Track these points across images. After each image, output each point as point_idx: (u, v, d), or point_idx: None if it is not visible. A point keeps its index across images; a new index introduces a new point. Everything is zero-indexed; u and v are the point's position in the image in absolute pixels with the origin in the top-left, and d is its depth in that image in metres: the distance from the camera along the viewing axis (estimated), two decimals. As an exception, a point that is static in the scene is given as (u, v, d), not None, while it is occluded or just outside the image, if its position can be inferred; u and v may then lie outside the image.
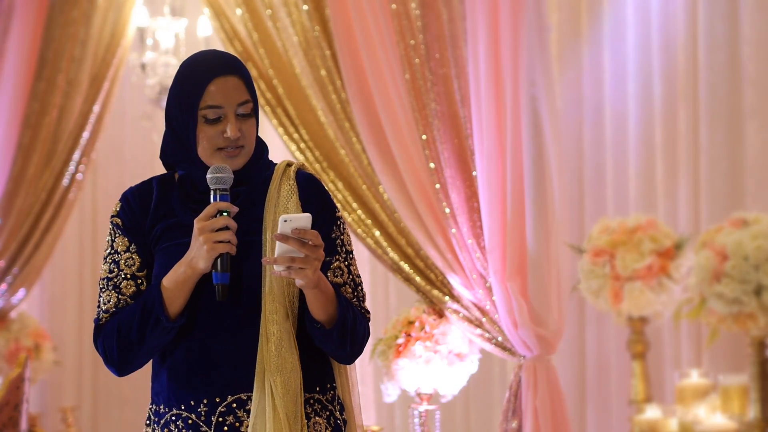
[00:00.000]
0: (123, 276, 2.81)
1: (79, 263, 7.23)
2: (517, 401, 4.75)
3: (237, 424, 2.73)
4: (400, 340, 4.88)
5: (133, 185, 2.91)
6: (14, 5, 6.17)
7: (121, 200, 2.87)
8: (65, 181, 6.23)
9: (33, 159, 6.17)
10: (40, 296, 7.05)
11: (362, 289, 2.86)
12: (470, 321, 4.86)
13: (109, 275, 2.82)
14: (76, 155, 6.22)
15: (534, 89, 4.64)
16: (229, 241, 2.68)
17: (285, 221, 2.62)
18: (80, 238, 7.22)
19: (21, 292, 6.27)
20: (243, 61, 5.19)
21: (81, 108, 6.22)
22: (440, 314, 4.93)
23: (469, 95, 4.81)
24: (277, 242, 2.63)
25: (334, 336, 2.73)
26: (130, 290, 2.81)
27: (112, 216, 2.86)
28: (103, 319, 2.81)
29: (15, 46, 6.15)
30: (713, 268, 3.14)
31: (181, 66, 2.82)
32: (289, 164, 2.86)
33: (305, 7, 5.09)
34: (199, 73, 2.77)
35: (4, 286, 6.21)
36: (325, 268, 2.78)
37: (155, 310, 2.73)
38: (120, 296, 2.80)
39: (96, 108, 6.24)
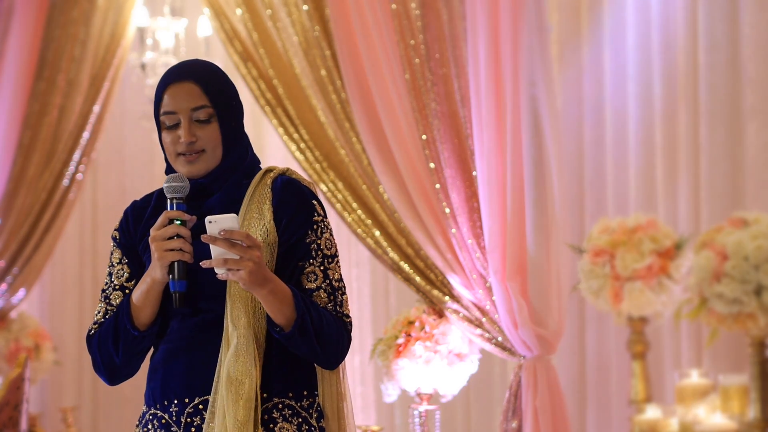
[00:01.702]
0: (113, 287, 2.88)
1: (79, 263, 7.23)
2: (517, 401, 4.75)
3: (203, 425, 2.76)
4: (400, 340, 4.88)
5: (137, 198, 2.98)
6: (14, 5, 6.17)
7: (123, 214, 2.94)
8: (65, 181, 6.23)
9: (33, 159, 6.17)
10: (40, 296, 7.05)
11: (342, 294, 2.84)
12: (470, 321, 4.86)
13: (104, 287, 2.90)
14: (76, 155, 6.23)
15: (534, 89, 4.64)
16: (180, 249, 2.70)
17: (210, 222, 2.64)
18: (80, 238, 7.22)
19: (21, 292, 6.28)
20: (243, 61, 5.24)
21: (81, 108, 6.22)
22: (440, 314, 4.93)
23: (469, 95, 4.81)
24: (211, 245, 2.64)
25: (296, 339, 2.73)
26: (118, 301, 2.87)
27: (114, 230, 2.93)
28: (92, 330, 2.87)
29: (15, 46, 6.16)
30: (713, 268, 3.14)
31: None
32: (269, 170, 2.87)
33: (305, 7, 5.09)
34: (160, 82, 2.83)
35: (4, 286, 6.21)
36: (298, 272, 2.80)
37: (122, 320, 2.78)
38: (108, 307, 2.87)
39: (96, 108, 6.24)
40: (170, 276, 2.72)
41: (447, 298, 4.90)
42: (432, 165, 4.87)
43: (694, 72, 5.04)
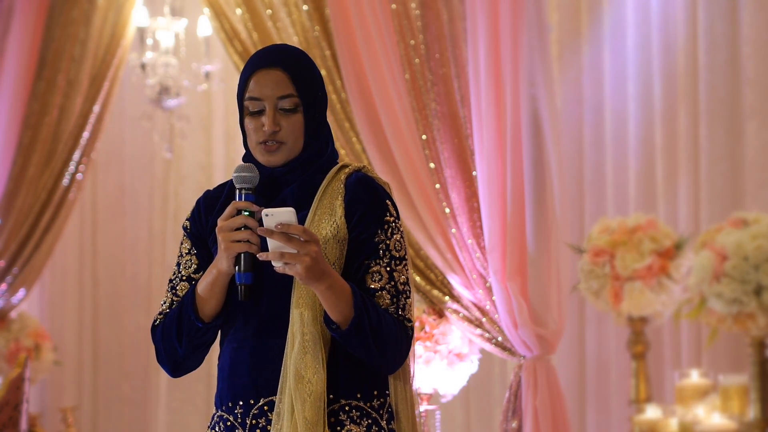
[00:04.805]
0: (180, 278, 2.83)
1: (79, 263, 7.22)
2: (517, 401, 4.75)
3: (269, 427, 2.71)
4: (400, 340, 4.88)
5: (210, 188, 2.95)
6: (14, 5, 6.17)
7: (195, 204, 2.90)
8: (65, 181, 6.23)
9: (33, 159, 6.17)
10: (40, 296, 7.05)
11: (405, 298, 2.76)
12: (470, 321, 4.86)
13: (171, 277, 2.85)
14: (76, 155, 6.22)
15: (534, 89, 4.64)
16: (248, 241, 2.65)
17: (266, 216, 2.60)
18: (80, 238, 7.21)
19: (21, 292, 6.27)
20: (243, 61, 5.24)
21: (81, 108, 6.21)
22: (440, 314, 4.93)
23: (469, 95, 4.81)
24: (268, 238, 2.61)
25: (352, 338, 2.67)
26: (184, 292, 2.81)
27: (185, 219, 2.89)
28: (157, 321, 2.82)
29: (15, 46, 6.15)
30: (713, 268, 3.14)
31: None
32: (344, 166, 2.82)
33: (305, 7, 5.09)
34: (248, 65, 2.80)
35: (4, 286, 6.21)
36: (363, 270, 2.74)
37: (187, 310, 2.74)
38: (174, 298, 2.82)
39: (96, 108, 6.24)
40: (236, 268, 2.67)
41: (447, 298, 4.90)
42: (432, 165, 4.87)
43: (694, 72, 5.04)
